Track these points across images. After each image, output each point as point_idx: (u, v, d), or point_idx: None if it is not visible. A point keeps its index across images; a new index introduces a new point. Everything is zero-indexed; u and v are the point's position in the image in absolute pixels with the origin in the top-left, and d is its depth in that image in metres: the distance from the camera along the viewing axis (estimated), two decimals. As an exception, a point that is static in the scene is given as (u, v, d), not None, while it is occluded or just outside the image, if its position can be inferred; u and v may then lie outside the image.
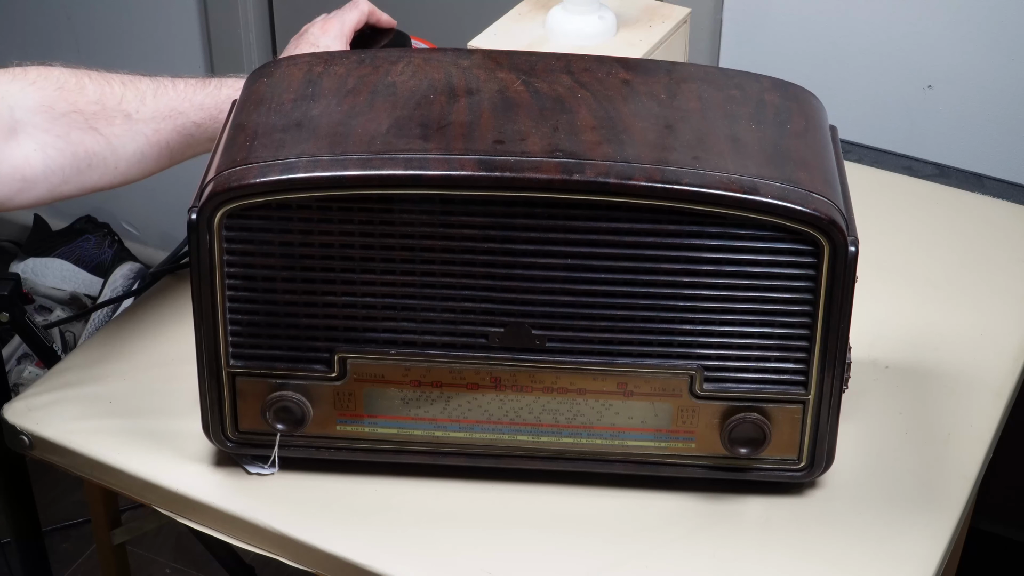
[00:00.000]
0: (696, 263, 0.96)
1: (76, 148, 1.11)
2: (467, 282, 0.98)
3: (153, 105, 1.15)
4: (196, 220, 0.96)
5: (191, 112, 1.16)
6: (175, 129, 1.16)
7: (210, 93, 1.17)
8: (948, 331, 1.23)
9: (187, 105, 1.16)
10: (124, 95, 1.14)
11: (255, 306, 1.00)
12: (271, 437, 1.05)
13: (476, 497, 1.06)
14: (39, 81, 1.11)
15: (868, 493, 1.06)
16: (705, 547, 1.02)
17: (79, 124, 1.11)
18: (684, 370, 1.00)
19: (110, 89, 1.14)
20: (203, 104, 1.17)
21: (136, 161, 1.15)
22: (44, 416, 1.14)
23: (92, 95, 1.12)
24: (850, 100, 1.66)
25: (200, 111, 1.17)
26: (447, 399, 1.03)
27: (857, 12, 1.62)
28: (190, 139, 1.17)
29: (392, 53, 1.09)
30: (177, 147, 1.17)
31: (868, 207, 1.18)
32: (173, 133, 1.16)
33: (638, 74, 1.06)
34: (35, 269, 2.33)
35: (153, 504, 1.09)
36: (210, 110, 1.17)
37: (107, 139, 1.13)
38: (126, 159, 1.14)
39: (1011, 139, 1.61)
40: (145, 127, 1.14)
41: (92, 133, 1.12)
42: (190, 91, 1.17)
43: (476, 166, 0.94)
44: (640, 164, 0.95)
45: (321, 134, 0.98)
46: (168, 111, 1.15)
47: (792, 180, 0.96)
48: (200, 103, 1.17)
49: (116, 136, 1.13)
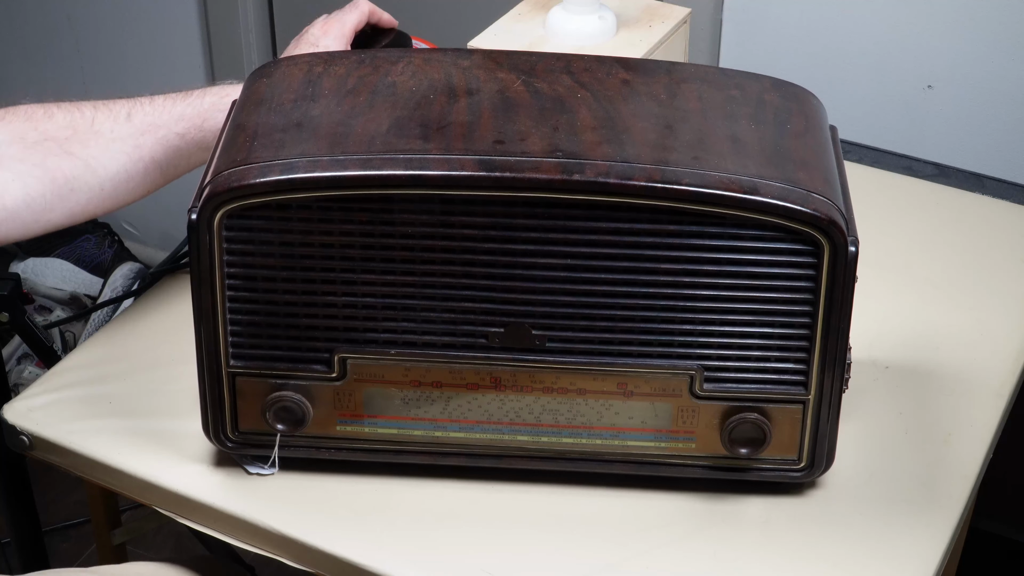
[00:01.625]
0: (696, 263, 0.96)
1: (54, 174, 1.10)
2: (467, 282, 0.98)
3: (128, 123, 1.13)
4: (196, 220, 0.96)
5: (171, 124, 1.14)
6: (157, 143, 1.14)
7: (191, 103, 1.16)
8: (948, 331, 1.23)
9: (166, 118, 1.14)
10: (95, 117, 1.12)
11: (255, 306, 1.00)
12: (271, 437, 1.05)
13: (476, 497, 1.06)
14: (6, 116, 1.10)
15: (868, 493, 1.06)
16: (705, 547, 1.02)
17: (53, 151, 1.10)
18: (684, 370, 1.00)
19: (80, 114, 1.12)
20: (183, 115, 1.15)
21: (122, 180, 1.13)
22: (44, 416, 1.14)
23: (62, 121, 1.11)
24: (850, 100, 1.66)
25: (180, 121, 1.15)
26: (447, 399, 1.03)
27: (857, 12, 1.62)
28: (176, 151, 1.15)
29: (392, 53, 1.09)
30: (165, 161, 1.15)
31: (868, 207, 1.18)
32: (156, 147, 1.14)
33: (638, 74, 1.06)
34: (35, 269, 2.32)
35: (153, 504, 1.09)
36: (192, 119, 1.15)
37: (84, 161, 1.11)
38: (110, 179, 1.13)
39: (1011, 139, 1.61)
40: (124, 145, 1.13)
41: (68, 157, 1.10)
42: (168, 104, 1.15)
43: (476, 166, 0.94)
44: (640, 164, 0.95)
45: (321, 134, 0.98)
46: (146, 126, 1.14)
47: (792, 180, 0.96)
48: (180, 114, 1.15)
49: (93, 157, 1.11)
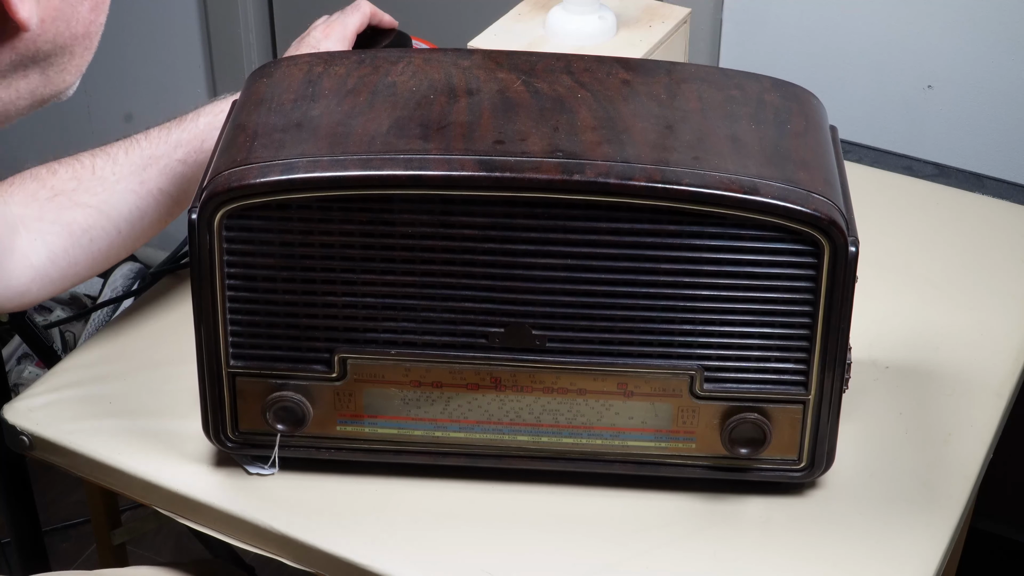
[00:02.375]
0: (696, 263, 0.96)
1: (71, 227, 1.12)
2: (467, 282, 0.98)
3: (127, 161, 1.14)
4: (196, 220, 0.96)
5: (170, 152, 1.15)
6: (160, 173, 1.14)
7: (186, 128, 1.16)
8: (948, 331, 1.23)
9: (164, 148, 1.15)
10: (95, 164, 1.13)
11: (255, 306, 1.00)
12: (271, 437, 1.05)
13: (476, 497, 1.05)
14: (16, 181, 1.12)
15: (868, 493, 1.06)
16: (705, 547, 1.02)
17: (65, 205, 1.12)
18: (684, 370, 1.00)
19: (79, 164, 1.14)
20: (180, 140, 1.15)
21: (136, 219, 1.14)
22: (44, 416, 1.14)
23: (65, 175, 1.13)
24: (850, 100, 1.66)
25: (179, 148, 1.15)
26: (447, 399, 1.03)
27: (857, 12, 1.62)
28: (182, 177, 1.15)
29: (392, 53, 1.09)
30: (172, 190, 1.15)
31: (868, 207, 1.18)
32: (161, 179, 1.14)
33: (638, 74, 1.06)
34: (35, 269, 2.32)
35: (153, 504, 1.09)
36: (190, 143, 1.15)
37: (96, 208, 1.12)
38: (124, 220, 1.14)
39: (1011, 139, 1.61)
40: (129, 183, 1.13)
41: (80, 208, 1.12)
42: (163, 134, 1.15)
43: (476, 166, 0.94)
44: (640, 164, 0.95)
45: (321, 134, 0.98)
46: (145, 160, 1.14)
47: (792, 180, 0.96)
48: (176, 140, 1.15)
49: (104, 202, 1.13)
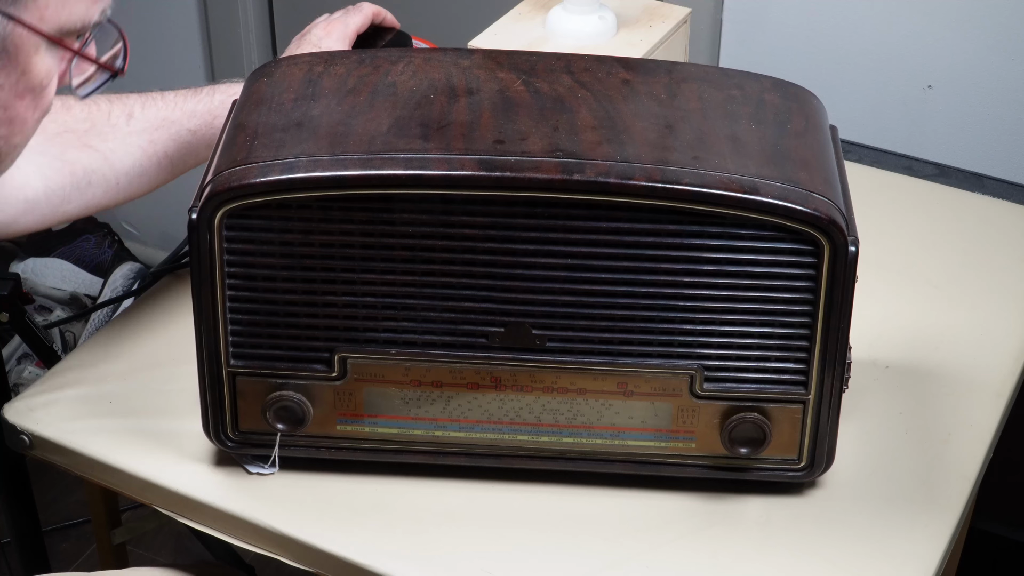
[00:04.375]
0: (696, 263, 0.96)
1: (74, 166, 1.10)
2: (467, 282, 0.98)
3: (143, 117, 1.13)
4: (196, 220, 0.96)
5: (184, 119, 1.15)
6: (170, 138, 1.14)
7: (202, 100, 1.16)
8: (948, 331, 1.23)
9: (179, 113, 1.15)
10: (112, 111, 1.13)
11: (255, 306, 1.00)
12: (271, 437, 1.05)
13: (476, 497, 1.05)
14: None
15: (868, 493, 1.06)
16: (705, 547, 1.02)
17: (72, 143, 1.10)
18: (684, 370, 1.00)
19: (96, 107, 1.12)
20: (195, 111, 1.15)
21: (136, 175, 1.14)
22: (44, 416, 1.14)
23: (80, 114, 1.12)
24: (850, 100, 1.66)
25: (193, 117, 1.15)
26: (447, 399, 1.03)
27: (857, 12, 1.62)
28: (188, 147, 1.15)
29: (392, 53, 1.09)
30: (176, 156, 1.15)
31: (868, 207, 1.18)
32: (169, 143, 1.14)
33: (638, 74, 1.06)
34: (35, 269, 2.32)
35: (153, 504, 1.09)
36: (204, 116, 1.15)
37: (103, 154, 1.11)
38: (125, 173, 1.13)
39: (1011, 139, 1.61)
40: (139, 139, 1.13)
41: (87, 150, 1.11)
42: (180, 100, 1.15)
43: (476, 166, 0.94)
44: (640, 164, 0.95)
45: (321, 134, 0.98)
46: (160, 121, 1.14)
47: (792, 180, 0.96)
48: (192, 110, 1.15)
49: (111, 151, 1.12)
